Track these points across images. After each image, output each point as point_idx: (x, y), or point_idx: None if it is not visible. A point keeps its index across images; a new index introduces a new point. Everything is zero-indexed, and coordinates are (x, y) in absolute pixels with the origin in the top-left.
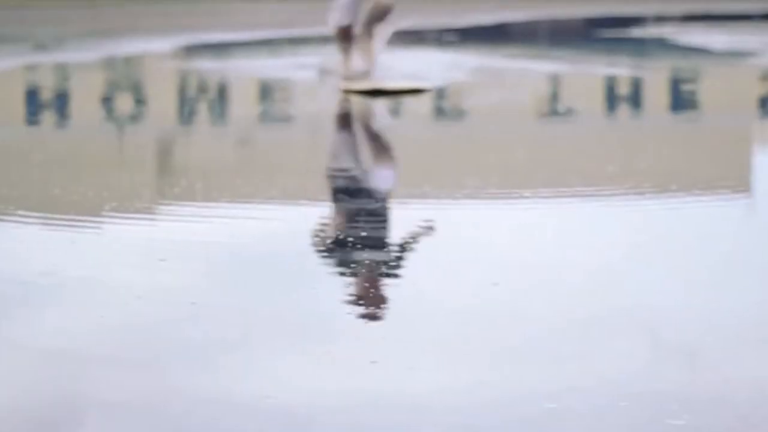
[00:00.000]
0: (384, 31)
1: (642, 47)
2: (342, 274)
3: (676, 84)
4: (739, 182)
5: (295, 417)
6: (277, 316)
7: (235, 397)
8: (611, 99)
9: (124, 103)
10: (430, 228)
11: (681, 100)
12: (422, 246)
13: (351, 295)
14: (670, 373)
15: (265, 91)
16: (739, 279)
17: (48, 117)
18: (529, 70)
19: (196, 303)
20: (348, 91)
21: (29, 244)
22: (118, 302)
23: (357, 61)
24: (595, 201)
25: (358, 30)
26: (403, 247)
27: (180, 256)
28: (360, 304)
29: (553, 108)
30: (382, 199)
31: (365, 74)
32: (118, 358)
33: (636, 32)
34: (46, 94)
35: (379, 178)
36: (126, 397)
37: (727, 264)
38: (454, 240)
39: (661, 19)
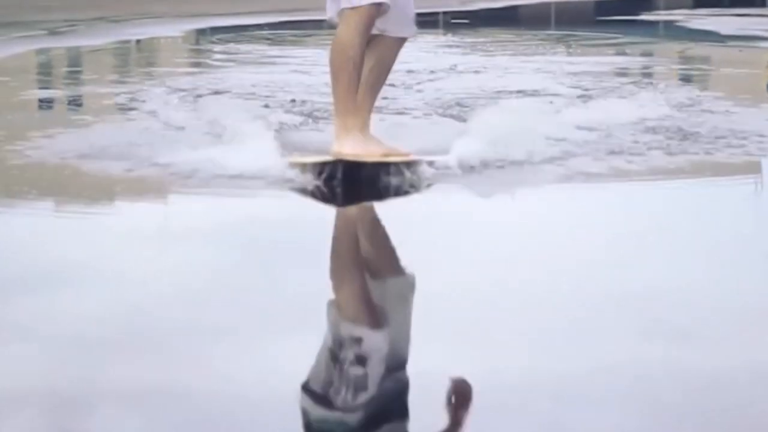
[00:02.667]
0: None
1: (653, 31)
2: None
3: (686, 67)
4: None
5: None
6: (287, 301)
7: (240, 384)
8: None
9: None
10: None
11: (691, 82)
12: (434, 233)
13: None
14: (674, 358)
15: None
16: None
17: (62, 99)
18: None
19: (203, 287)
20: (296, 165)
21: (35, 228)
22: (124, 286)
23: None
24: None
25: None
26: None
27: (190, 238)
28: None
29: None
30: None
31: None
32: (122, 344)
33: (647, 17)
34: (61, 76)
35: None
36: (131, 383)
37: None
38: (465, 222)
39: (671, 4)
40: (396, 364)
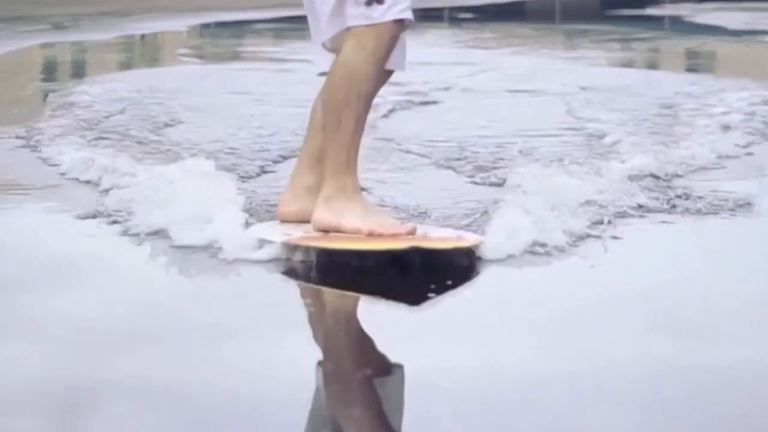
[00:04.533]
0: None
1: (659, 26)
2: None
3: (693, 60)
4: None
5: (307, 401)
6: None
7: (243, 384)
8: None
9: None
10: None
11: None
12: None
13: None
14: (677, 357)
15: None
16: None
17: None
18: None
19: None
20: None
21: (39, 224)
22: (127, 283)
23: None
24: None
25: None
26: None
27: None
28: None
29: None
30: None
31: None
32: (123, 344)
33: (652, 11)
34: (67, 69)
35: None
36: (132, 381)
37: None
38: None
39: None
40: None
